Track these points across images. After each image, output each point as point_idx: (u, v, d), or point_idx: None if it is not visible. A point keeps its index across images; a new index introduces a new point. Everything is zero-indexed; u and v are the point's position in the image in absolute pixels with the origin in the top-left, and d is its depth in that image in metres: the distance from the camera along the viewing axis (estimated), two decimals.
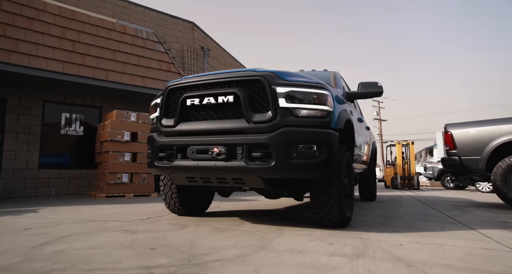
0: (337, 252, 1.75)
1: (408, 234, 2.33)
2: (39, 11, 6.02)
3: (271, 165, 2.06)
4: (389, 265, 1.50)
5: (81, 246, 1.86)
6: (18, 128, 6.06)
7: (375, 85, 3.23)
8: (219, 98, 2.26)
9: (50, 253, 1.69)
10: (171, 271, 1.39)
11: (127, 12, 7.76)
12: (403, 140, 13.07)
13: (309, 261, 1.56)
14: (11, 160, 5.92)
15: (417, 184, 11.25)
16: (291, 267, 1.46)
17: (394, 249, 1.83)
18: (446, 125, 4.89)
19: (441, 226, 2.77)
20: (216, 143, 2.20)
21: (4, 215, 3.29)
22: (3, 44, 5.25)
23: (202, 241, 2.01)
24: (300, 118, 2.13)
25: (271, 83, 2.17)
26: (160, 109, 2.56)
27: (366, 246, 1.91)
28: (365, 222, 2.89)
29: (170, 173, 2.47)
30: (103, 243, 1.94)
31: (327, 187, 2.30)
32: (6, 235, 2.21)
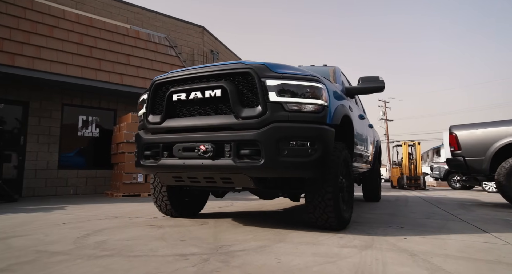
0: (347, 244, 1.95)
1: (412, 229, 2.52)
2: (59, 19, 6.32)
3: (260, 163, 1.92)
4: (394, 255, 1.70)
5: (118, 237, 2.10)
6: (39, 131, 6.38)
7: (376, 80, 3.05)
8: (206, 93, 2.13)
9: (95, 243, 1.93)
10: (204, 258, 1.61)
11: (140, 17, 8.05)
12: (410, 140, 13.14)
13: (323, 251, 1.77)
14: (33, 160, 6.24)
15: (424, 184, 11.32)
16: (308, 255, 1.67)
17: (399, 242, 2.02)
18: (450, 127, 5.04)
19: (444, 223, 2.94)
20: (202, 140, 2.08)
21: (36, 212, 3.57)
22: (27, 52, 5.56)
23: (224, 234, 2.23)
24: (292, 113, 2.00)
25: (261, 76, 2.03)
26: (147, 106, 2.44)
27: (373, 239, 2.11)
28: (372, 219, 3.08)
29: (157, 172, 2.36)
30: (136, 235, 2.17)
31: (322, 187, 2.17)
32: (49, 228, 2.46)
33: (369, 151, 4.32)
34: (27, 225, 2.63)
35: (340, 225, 2.32)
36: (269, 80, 2.03)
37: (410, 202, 5.39)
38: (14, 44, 5.48)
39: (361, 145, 3.63)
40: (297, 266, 1.47)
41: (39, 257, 1.61)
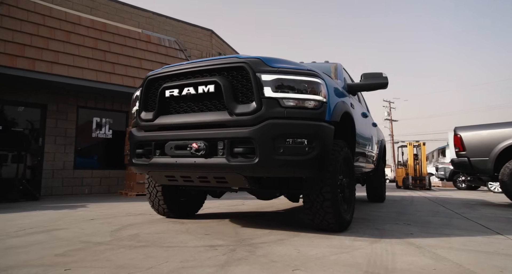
0: (358, 238, 2.13)
1: (418, 226, 2.68)
2: (75, 25, 6.58)
3: (255, 162, 1.83)
4: (402, 247, 1.88)
5: (148, 232, 2.30)
6: (56, 132, 6.65)
7: (379, 76, 2.93)
8: (199, 88, 2.05)
9: (128, 235, 2.14)
10: (231, 248, 1.80)
11: (151, 22, 8.29)
12: (415, 140, 13.22)
13: (336, 243, 1.95)
14: (51, 161, 6.50)
15: (429, 184, 11.40)
16: (323, 247, 1.85)
17: (406, 237, 2.19)
18: (455, 128, 5.17)
19: (448, 220, 3.10)
20: (194, 137, 2.00)
21: (62, 209, 3.80)
22: (46, 57, 5.82)
23: (243, 230, 2.42)
24: (288, 109, 1.91)
25: (256, 71, 1.94)
26: (140, 102, 2.36)
27: (382, 234, 2.28)
28: (379, 217, 3.25)
29: (149, 171, 2.28)
30: (163, 230, 2.37)
31: (320, 186, 2.08)
32: (81, 223, 2.67)
33: (373, 150, 4.19)
34: (61, 220, 2.85)
35: (340, 227, 2.23)
36: (264, 75, 1.94)
37: (415, 201, 5.53)
38: (35, 50, 5.74)
39: (364, 143, 3.50)
40: (315, 255, 1.65)
41: (87, 246, 1.81)
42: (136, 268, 1.40)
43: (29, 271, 1.36)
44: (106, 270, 1.37)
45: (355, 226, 2.59)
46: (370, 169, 4.24)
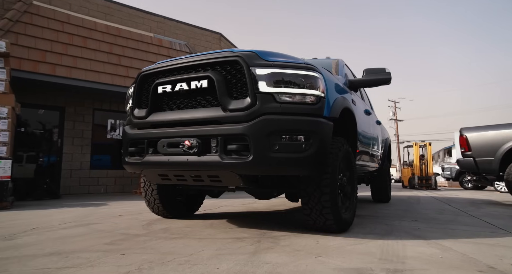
0: (370, 232, 2.31)
1: (425, 222, 2.86)
2: (91, 31, 6.85)
3: (249, 160, 1.77)
4: (411, 239, 2.06)
5: (176, 226, 2.51)
6: (73, 134, 6.93)
7: (382, 72, 2.84)
8: (192, 84, 1.99)
9: (160, 229, 2.35)
10: (256, 240, 2.00)
11: (162, 26, 8.54)
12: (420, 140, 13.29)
13: (351, 236, 2.14)
14: (69, 161, 6.78)
15: (435, 184, 11.48)
16: (339, 239, 2.04)
17: (414, 231, 2.37)
18: (461, 129, 5.32)
19: (454, 217, 3.26)
20: (187, 134, 1.95)
21: (88, 207, 4.04)
22: (65, 62, 6.09)
23: (263, 224, 2.62)
24: (284, 104, 1.84)
25: (250, 65, 1.87)
26: (133, 99, 2.32)
27: (392, 229, 2.46)
28: (388, 214, 3.42)
29: (142, 169, 2.23)
30: (190, 224, 2.59)
31: (318, 186, 2.00)
32: (112, 218, 2.90)
33: (377, 148, 4.06)
34: (91, 216, 3.08)
35: (340, 227, 2.15)
36: (259, 69, 1.87)
37: (422, 200, 5.68)
38: (55, 56, 6.01)
39: (367, 141, 3.38)
40: (333, 245, 1.85)
41: (127, 237, 2.04)
42: (179, 254, 1.61)
43: (92, 255, 1.58)
44: (155, 256, 1.58)
45: (366, 222, 2.77)
46: (374, 168, 4.12)
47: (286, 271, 1.35)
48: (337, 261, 1.50)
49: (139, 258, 1.52)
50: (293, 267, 1.41)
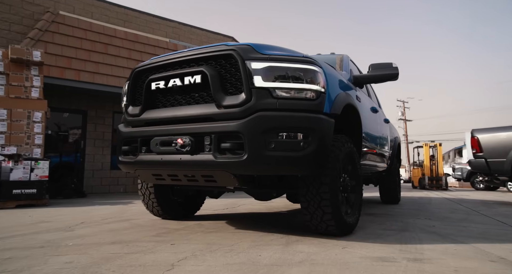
0: (387, 228, 2.50)
1: (438, 220, 3.03)
2: (111, 37, 7.18)
3: (243, 158, 1.68)
4: (426, 234, 2.25)
5: (208, 222, 2.74)
6: (95, 136, 7.27)
7: (388, 67, 2.71)
8: (185, 79, 1.92)
9: (195, 224, 2.59)
10: (285, 233, 2.22)
11: (177, 32, 8.85)
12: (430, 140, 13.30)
13: (370, 232, 2.33)
14: (91, 162, 7.13)
15: (445, 185, 11.49)
16: (361, 234, 2.23)
17: (428, 228, 2.55)
18: (472, 131, 5.43)
19: (466, 216, 3.42)
20: (179, 132, 1.87)
21: (117, 205, 4.33)
22: (89, 68, 6.42)
23: (289, 218, 2.83)
24: (281, 100, 1.75)
25: (245, 58, 1.79)
26: (127, 96, 2.26)
27: (407, 225, 2.65)
28: (401, 213, 3.60)
29: (136, 169, 2.16)
30: (220, 220, 2.82)
31: (317, 186, 1.90)
32: (145, 215, 3.15)
33: (385, 147, 3.92)
34: (125, 213, 3.34)
35: (342, 231, 2.05)
36: (254, 62, 1.77)
37: (433, 200, 5.80)
38: (79, 62, 6.35)
39: (374, 140, 3.25)
40: (356, 239, 2.05)
41: (169, 230, 2.28)
42: (222, 244, 1.84)
43: (148, 244, 1.82)
44: (202, 245, 1.81)
45: (381, 220, 2.96)
46: (382, 168, 3.95)
47: (319, 258, 1.56)
48: (362, 251, 1.70)
49: (189, 247, 1.76)
50: (324, 255, 1.62)
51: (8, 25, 6.22)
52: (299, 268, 1.39)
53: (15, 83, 4.75)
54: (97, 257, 1.53)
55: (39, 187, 4.04)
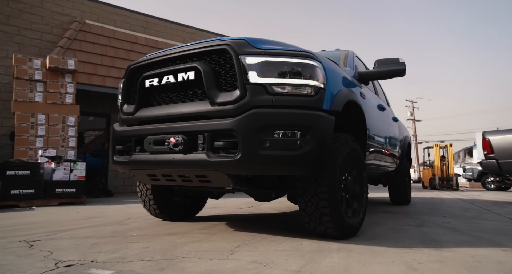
0: (406, 223, 2.74)
1: (452, 217, 3.25)
2: (133, 44, 7.54)
3: (237, 158, 1.61)
4: (443, 230, 2.48)
5: (246, 217, 3.03)
6: None
7: (395, 62, 2.61)
8: (178, 76, 1.86)
9: (226, 222, 2.88)
10: None
11: (194, 37, 9.17)
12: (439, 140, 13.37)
13: (391, 226, 2.58)
14: None
15: (456, 185, 11.56)
16: (384, 229, 2.48)
17: (444, 224, 2.78)
18: (484, 133, 5.60)
19: (479, 214, 3.62)
20: (172, 131, 1.82)
21: None
22: (113, 73, 6.79)
23: None
24: (276, 96, 1.68)
25: (239, 53, 1.72)
26: (122, 95, 2.23)
27: (424, 222, 2.88)
28: (416, 211, 3.82)
29: (130, 169, 2.12)
30: (254, 216, 3.09)
31: (316, 187, 1.83)
32: None
33: (393, 146, 3.80)
34: None
35: (343, 234, 1.96)
36: (249, 57, 1.71)
37: (445, 200, 5.98)
38: (104, 68, 6.72)
39: (381, 139, 3.15)
40: (380, 233, 2.29)
41: (212, 225, 2.56)
42: (263, 236, 2.11)
43: (200, 236, 2.10)
44: (247, 237, 2.08)
45: (399, 217, 3.19)
46: (391, 168, 3.85)
47: (353, 247, 1.81)
48: (387, 242, 1.95)
49: (237, 238, 2.03)
50: (356, 245, 1.87)
51: (40, 35, 6.63)
52: (338, 254, 1.65)
53: (51, 90, 5.12)
54: (165, 245, 1.82)
55: (77, 186, 4.38)
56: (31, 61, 5.02)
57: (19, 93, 4.90)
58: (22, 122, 4.86)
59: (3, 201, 3.82)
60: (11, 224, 2.67)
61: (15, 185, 3.88)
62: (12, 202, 3.86)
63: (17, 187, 3.89)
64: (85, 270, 1.32)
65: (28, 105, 4.92)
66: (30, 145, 4.88)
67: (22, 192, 3.90)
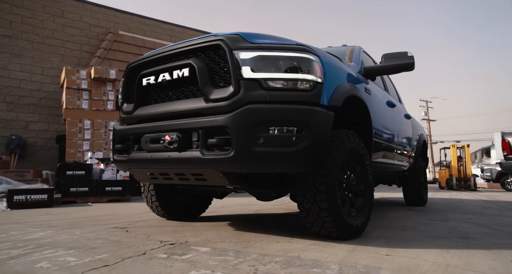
0: (431, 218, 3.03)
1: (474, 214, 3.50)
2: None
3: (230, 155, 1.59)
4: (467, 224, 2.76)
5: (283, 212, 3.38)
6: None
7: (403, 56, 2.54)
8: (174, 73, 1.85)
9: (277, 213, 3.24)
10: None
11: None
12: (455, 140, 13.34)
13: (418, 220, 2.87)
14: None
15: (474, 185, 11.55)
16: (412, 222, 2.78)
17: (466, 219, 3.05)
18: (503, 134, 5.78)
19: (499, 212, 3.84)
20: (167, 129, 1.82)
21: None
22: None
23: None
24: (271, 91, 1.64)
25: (233, 48, 1.69)
26: (121, 93, 2.26)
27: (447, 218, 3.16)
28: (437, 209, 4.07)
29: (129, 168, 2.15)
30: (285, 212, 3.45)
31: (313, 184, 1.79)
32: (240, 206, 3.84)
33: (406, 144, 3.67)
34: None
35: (343, 234, 1.89)
36: (243, 52, 1.68)
37: (464, 200, 6.15)
38: None
39: (390, 136, 3.06)
40: (409, 226, 2.60)
41: (266, 215, 2.93)
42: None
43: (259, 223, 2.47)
44: (298, 227, 2.44)
45: (422, 213, 3.47)
46: (404, 167, 3.73)
47: (391, 236, 2.14)
48: (418, 233, 2.26)
49: (295, 227, 2.39)
50: (391, 235, 2.20)
51: (79, 46, 7.21)
52: (378, 240, 1.98)
53: (95, 98, 5.64)
54: (232, 232, 2.19)
55: (123, 185, 4.85)
56: (78, 72, 5.55)
57: (69, 101, 5.43)
58: (72, 127, 5.39)
59: (64, 197, 4.32)
60: (89, 216, 3.12)
61: (73, 184, 4.37)
62: (71, 198, 4.35)
63: (75, 185, 4.37)
64: (187, 247, 1.70)
65: (76, 112, 5.44)
66: (78, 147, 5.40)
67: (78, 189, 4.39)
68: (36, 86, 6.79)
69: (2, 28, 6.36)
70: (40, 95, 6.84)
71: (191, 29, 9.23)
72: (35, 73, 6.75)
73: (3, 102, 6.44)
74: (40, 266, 1.35)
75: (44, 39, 6.76)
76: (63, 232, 2.16)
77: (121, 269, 1.31)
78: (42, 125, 6.80)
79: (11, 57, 6.49)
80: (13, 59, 6.53)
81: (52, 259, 1.45)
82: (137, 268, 1.32)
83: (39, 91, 6.81)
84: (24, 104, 6.66)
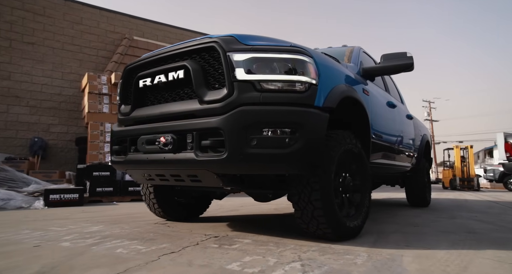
0: (439, 216, 3.27)
1: (479, 213, 3.73)
2: None
3: (224, 157, 1.61)
4: (472, 221, 2.99)
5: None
6: None
7: (402, 57, 2.56)
8: (169, 75, 1.88)
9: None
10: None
11: None
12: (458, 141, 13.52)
13: (426, 217, 3.11)
14: None
15: (477, 186, 11.72)
16: (420, 219, 3.03)
17: (473, 217, 3.28)
18: (506, 136, 6.02)
19: (503, 211, 4.07)
20: (162, 130, 1.85)
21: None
22: None
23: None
24: (265, 93, 1.66)
25: (227, 50, 1.71)
26: (119, 95, 2.29)
27: (454, 215, 3.40)
28: (443, 208, 4.31)
29: (126, 169, 2.17)
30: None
31: (307, 185, 1.80)
32: (253, 206, 4.09)
33: (408, 145, 3.70)
34: (237, 202, 4.30)
35: (338, 235, 1.89)
36: (236, 54, 1.70)
37: (469, 199, 6.37)
38: None
39: (390, 136, 3.06)
40: (416, 222, 2.85)
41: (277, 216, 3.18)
42: None
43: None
44: None
45: (429, 211, 3.71)
46: (406, 167, 3.76)
47: (405, 231, 2.39)
48: (428, 229, 2.51)
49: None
50: (404, 230, 2.44)
51: (96, 52, 7.49)
52: (395, 235, 2.23)
53: (115, 102, 5.90)
54: (267, 224, 2.45)
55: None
56: (99, 78, 5.83)
57: (91, 105, 5.70)
58: (94, 130, 5.66)
59: (91, 197, 4.60)
60: (123, 213, 3.37)
61: (99, 184, 4.65)
62: (97, 197, 4.62)
63: (101, 185, 4.65)
64: (231, 239, 1.95)
65: (98, 115, 5.72)
66: (100, 149, 5.67)
67: (104, 189, 4.66)
68: (56, 91, 7.08)
69: (26, 36, 6.68)
70: (60, 99, 7.13)
71: (201, 33, 9.49)
72: (56, 78, 7.05)
73: (26, 106, 6.74)
74: (119, 251, 1.61)
75: (64, 45, 7.05)
76: (114, 227, 2.42)
77: (187, 255, 1.56)
78: (62, 128, 7.08)
79: (33, 63, 6.79)
80: (36, 65, 6.84)
81: (125, 247, 1.70)
82: (200, 255, 1.57)
83: (59, 95, 7.10)
84: (45, 108, 6.95)
